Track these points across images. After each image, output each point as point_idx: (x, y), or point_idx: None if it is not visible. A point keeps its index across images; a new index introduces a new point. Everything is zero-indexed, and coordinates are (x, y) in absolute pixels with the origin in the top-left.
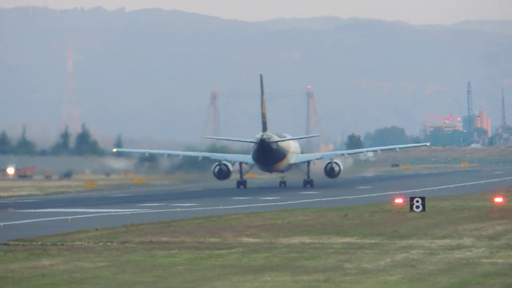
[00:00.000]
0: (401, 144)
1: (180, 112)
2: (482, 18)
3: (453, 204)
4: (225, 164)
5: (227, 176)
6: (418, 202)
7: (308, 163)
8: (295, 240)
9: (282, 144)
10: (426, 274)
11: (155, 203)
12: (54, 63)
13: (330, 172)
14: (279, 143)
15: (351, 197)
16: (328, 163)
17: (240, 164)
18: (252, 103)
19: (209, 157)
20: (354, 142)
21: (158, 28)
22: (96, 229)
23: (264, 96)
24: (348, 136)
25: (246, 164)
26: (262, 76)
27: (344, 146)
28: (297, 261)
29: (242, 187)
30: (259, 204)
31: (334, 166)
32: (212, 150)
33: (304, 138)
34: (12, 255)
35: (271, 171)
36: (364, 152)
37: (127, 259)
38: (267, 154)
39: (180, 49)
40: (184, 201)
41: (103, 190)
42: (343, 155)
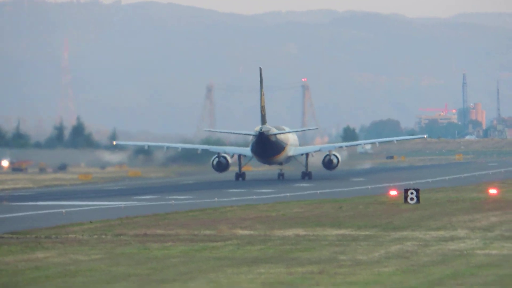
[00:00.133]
0: (395, 137)
1: (176, 105)
2: (479, 11)
3: (447, 196)
4: (224, 157)
5: (226, 168)
6: (412, 194)
7: (306, 156)
8: (290, 232)
9: (281, 136)
10: (420, 266)
11: (150, 196)
12: (49, 56)
13: (329, 164)
14: (277, 135)
15: (346, 189)
16: (327, 155)
17: (239, 157)
18: (248, 97)
19: (208, 149)
20: (349, 134)
21: (154, 21)
22: (91, 221)
23: (263, 89)
24: (343, 128)
25: (245, 156)
26: (261, 69)
27: (340, 139)
28: (291, 253)
29: (240, 179)
30: (254, 197)
31: (333, 158)
32: (207, 142)
33: (302, 130)
34: (7, 248)
35: (270, 163)
36: (362, 145)
37: (122, 252)
38: (266, 147)
39: (176, 42)
40: (179, 193)
41: (98, 183)
42: (341, 147)
